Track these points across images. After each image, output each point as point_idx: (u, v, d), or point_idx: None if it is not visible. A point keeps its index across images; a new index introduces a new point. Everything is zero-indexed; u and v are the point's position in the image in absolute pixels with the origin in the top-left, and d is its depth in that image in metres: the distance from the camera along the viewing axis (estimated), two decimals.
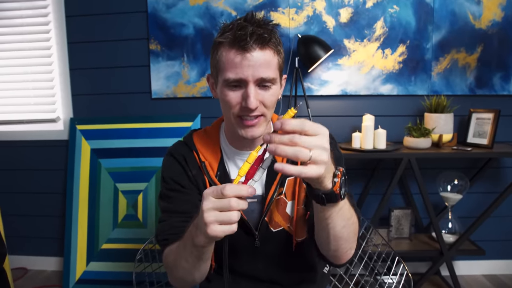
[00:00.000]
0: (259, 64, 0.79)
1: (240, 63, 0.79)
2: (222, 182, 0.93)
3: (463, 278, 2.16)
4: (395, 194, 2.20)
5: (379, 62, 2.06)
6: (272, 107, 0.86)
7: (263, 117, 0.85)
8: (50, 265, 2.39)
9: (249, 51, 0.78)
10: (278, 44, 0.84)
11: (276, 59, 0.83)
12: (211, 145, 0.96)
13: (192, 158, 0.96)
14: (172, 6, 2.09)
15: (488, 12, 2.00)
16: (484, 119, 1.95)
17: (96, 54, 2.19)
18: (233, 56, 0.79)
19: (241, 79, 0.80)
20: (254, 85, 0.81)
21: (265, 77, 0.80)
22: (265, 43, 0.79)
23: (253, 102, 0.80)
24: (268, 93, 0.83)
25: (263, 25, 0.81)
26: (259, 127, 0.85)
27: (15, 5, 2.18)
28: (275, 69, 0.82)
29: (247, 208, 0.86)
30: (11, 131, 2.30)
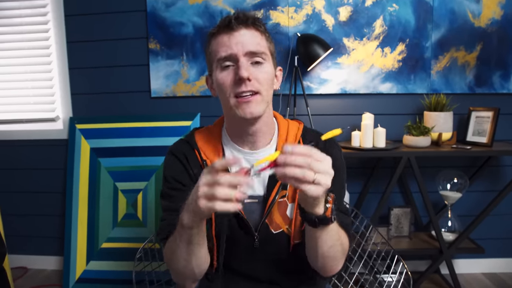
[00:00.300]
0: (245, 39, 0.82)
1: (228, 41, 0.83)
2: None
3: (463, 276, 2.16)
4: (394, 192, 2.20)
5: (379, 61, 2.06)
6: (267, 85, 0.86)
7: (259, 95, 0.85)
8: (50, 264, 2.40)
9: (235, 30, 0.82)
10: (266, 32, 0.87)
11: (264, 40, 0.86)
12: (212, 144, 0.96)
13: (193, 157, 0.95)
14: (171, 5, 2.08)
15: (487, 10, 2.00)
16: (484, 118, 1.95)
17: (95, 53, 2.19)
18: (221, 38, 0.84)
19: (231, 54, 0.82)
20: (245, 59, 0.83)
21: (254, 50, 0.83)
22: (250, 23, 0.84)
23: (244, 72, 0.81)
24: (261, 70, 0.84)
25: (250, 15, 0.85)
26: (257, 105, 0.84)
27: (14, 4, 2.18)
28: (264, 46, 0.85)
29: (247, 209, 0.92)
30: (11, 131, 2.30)
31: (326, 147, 0.94)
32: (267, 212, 0.92)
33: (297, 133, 0.97)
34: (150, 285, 1.29)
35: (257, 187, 0.95)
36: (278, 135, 0.97)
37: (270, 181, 0.93)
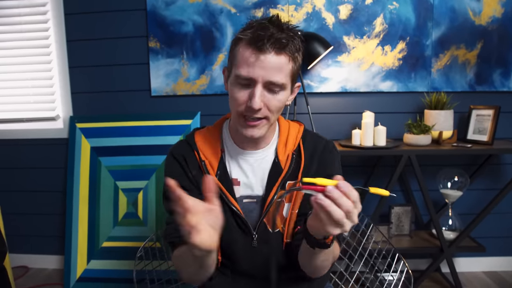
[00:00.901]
0: (270, 67, 0.80)
1: (253, 63, 0.80)
2: (223, 181, 0.93)
3: (464, 275, 2.16)
4: (395, 191, 2.20)
5: (379, 59, 2.06)
6: (277, 112, 0.87)
7: (265, 120, 0.86)
8: (51, 264, 2.40)
9: (263, 53, 0.79)
10: (296, 51, 0.84)
11: (290, 66, 0.83)
12: (212, 144, 0.97)
13: (192, 158, 0.96)
14: (171, 4, 2.08)
15: (488, 8, 2.00)
16: (484, 116, 1.94)
17: (96, 52, 2.19)
18: (248, 55, 0.81)
19: (251, 78, 0.81)
20: (262, 87, 0.82)
21: (275, 81, 0.81)
22: (281, 48, 0.80)
23: (257, 103, 0.81)
24: (275, 98, 0.84)
25: (285, 29, 0.81)
26: (260, 129, 0.87)
27: (14, 3, 2.18)
28: (286, 75, 0.83)
29: (246, 208, 0.94)
30: (11, 130, 2.30)
31: (327, 156, 0.96)
32: (265, 211, 0.92)
33: (298, 135, 0.98)
34: (151, 283, 1.30)
35: (256, 187, 0.95)
36: (278, 135, 0.98)
37: (269, 181, 0.94)
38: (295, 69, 0.85)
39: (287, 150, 0.95)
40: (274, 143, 0.97)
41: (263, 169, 0.95)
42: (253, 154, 0.95)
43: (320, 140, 0.99)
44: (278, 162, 0.94)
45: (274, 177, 0.94)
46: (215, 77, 2.12)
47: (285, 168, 0.93)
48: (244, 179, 0.95)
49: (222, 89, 2.13)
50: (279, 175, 0.93)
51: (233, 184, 0.95)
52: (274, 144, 0.97)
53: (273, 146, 0.97)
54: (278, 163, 0.94)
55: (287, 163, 0.94)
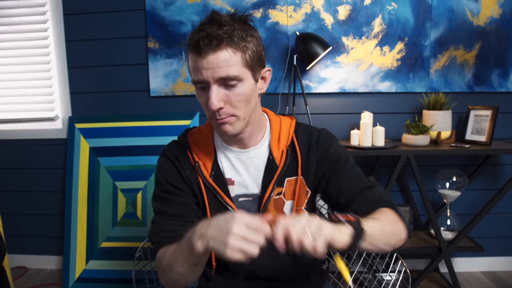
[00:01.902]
0: (215, 65, 0.78)
1: (199, 66, 0.79)
2: (217, 182, 0.93)
3: (462, 275, 2.17)
4: (393, 191, 2.20)
5: (378, 60, 2.06)
6: (244, 106, 0.83)
7: (233, 117, 0.83)
8: (49, 264, 2.40)
9: (202, 55, 0.77)
10: (242, 39, 0.79)
11: (238, 57, 0.79)
12: (205, 144, 0.96)
13: (186, 158, 0.95)
14: (170, 4, 2.08)
15: (486, 9, 2.00)
16: (482, 116, 1.95)
17: (94, 52, 2.19)
18: (193, 60, 0.80)
19: (203, 81, 0.80)
20: (217, 85, 0.80)
21: (225, 76, 0.78)
22: (218, 44, 0.77)
23: (213, 104, 0.79)
24: (233, 92, 0.81)
25: (223, 23, 0.78)
26: (232, 125, 0.84)
27: (13, 3, 2.18)
28: (238, 66, 0.79)
29: (241, 207, 0.94)
30: (10, 130, 2.30)
31: (324, 144, 0.95)
32: (263, 209, 0.92)
33: (290, 129, 0.96)
34: (149, 284, 1.30)
35: (251, 185, 0.95)
36: (270, 131, 0.96)
37: (265, 178, 0.93)
38: (249, 57, 0.81)
39: (281, 146, 0.94)
40: (266, 140, 0.95)
41: (257, 167, 0.94)
42: (244, 153, 0.94)
43: (314, 131, 0.97)
44: (273, 159, 0.93)
45: (270, 174, 0.93)
46: None
47: (280, 165, 0.92)
48: (238, 178, 0.95)
49: None
50: (275, 172, 0.92)
51: (227, 184, 0.94)
52: (266, 141, 0.95)
53: (266, 143, 0.95)
54: (273, 160, 0.93)
55: (282, 160, 0.93)
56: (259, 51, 0.84)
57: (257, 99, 0.88)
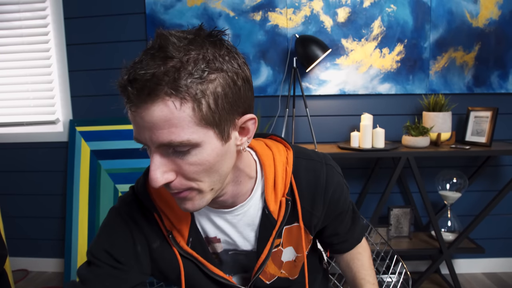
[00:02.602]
0: (152, 125, 0.52)
1: (133, 121, 0.55)
2: (197, 249, 0.73)
3: (463, 276, 2.17)
4: (394, 193, 2.21)
5: (377, 62, 2.07)
6: (205, 176, 0.57)
7: (193, 191, 0.59)
8: (51, 267, 2.40)
9: (132, 108, 0.53)
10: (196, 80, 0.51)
11: (187, 111, 0.51)
12: (175, 202, 0.66)
13: (153, 226, 0.72)
14: (170, 7, 2.09)
15: (485, 10, 2.01)
16: (482, 117, 1.95)
17: (95, 56, 2.20)
18: (128, 112, 0.55)
19: (142, 142, 0.56)
20: (160, 152, 0.55)
21: (166, 142, 0.52)
22: (150, 94, 0.50)
23: (155, 179, 0.54)
24: (185, 161, 0.55)
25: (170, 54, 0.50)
26: (194, 200, 0.60)
27: (14, 7, 2.19)
28: (189, 125, 0.52)
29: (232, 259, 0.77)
30: (11, 133, 2.31)
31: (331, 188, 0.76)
32: (261, 266, 0.75)
33: (287, 168, 0.73)
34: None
35: (242, 243, 0.76)
36: (263, 176, 0.73)
37: (261, 235, 0.74)
38: (208, 108, 0.53)
39: (278, 195, 0.72)
40: (257, 191, 0.73)
41: (248, 224, 0.74)
42: (230, 213, 0.72)
43: (319, 170, 0.75)
44: (269, 214, 0.72)
45: (266, 231, 0.73)
46: None
47: (279, 219, 0.73)
48: (224, 237, 0.75)
49: None
50: (273, 228, 0.73)
51: (211, 242, 0.75)
52: (257, 192, 0.73)
53: (257, 194, 0.73)
54: (270, 215, 0.72)
55: (281, 212, 0.72)
56: (232, 92, 0.55)
57: (232, 160, 0.62)
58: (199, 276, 0.75)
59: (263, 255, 0.74)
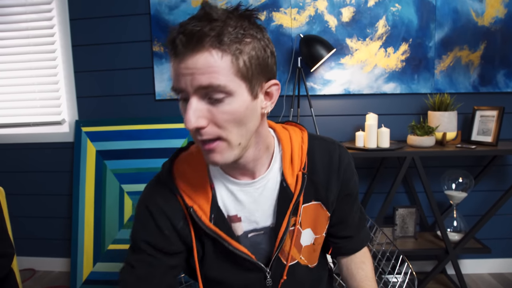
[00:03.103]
0: (195, 70, 0.60)
1: (178, 70, 0.62)
2: (219, 225, 0.76)
3: (469, 276, 2.15)
4: (399, 192, 2.20)
5: (382, 61, 2.06)
6: (235, 126, 0.64)
7: (222, 142, 0.65)
8: (57, 266, 2.42)
9: (179, 56, 0.61)
10: (235, 40, 0.61)
11: (226, 62, 0.60)
12: (198, 180, 0.76)
13: (175, 207, 0.77)
14: (175, 8, 2.10)
15: (491, 9, 1.99)
16: (488, 117, 1.94)
17: (100, 57, 2.21)
18: (172, 64, 0.64)
19: (180, 88, 0.63)
20: (198, 97, 0.62)
21: (207, 84, 0.60)
22: (198, 44, 0.59)
23: (189, 121, 0.61)
24: (219, 109, 0.62)
25: (214, 17, 0.60)
26: (221, 154, 0.66)
27: (20, 9, 2.21)
28: (226, 74, 0.61)
29: (252, 242, 0.80)
30: (18, 134, 2.33)
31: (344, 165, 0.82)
32: (280, 243, 0.78)
33: (303, 146, 0.80)
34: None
35: (261, 218, 0.80)
36: (281, 151, 0.79)
37: (279, 208, 0.78)
38: (244, 63, 0.62)
39: (295, 169, 0.78)
40: (276, 164, 0.79)
41: (268, 198, 0.79)
42: (251, 185, 0.77)
43: (332, 149, 0.82)
44: (287, 186, 0.77)
45: (284, 204, 0.77)
46: None
47: (296, 192, 0.77)
48: (245, 213, 0.79)
49: None
50: (290, 201, 0.77)
51: (232, 222, 0.79)
52: (276, 165, 0.79)
53: (276, 167, 0.79)
54: (287, 187, 0.77)
55: (297, 185, 0.77)
56: (262, 57, 0.65)
57: (257, 121, 0.69)
58: (218, 256, 0.79)
59: (282, 228, 0.77)
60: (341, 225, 0.89)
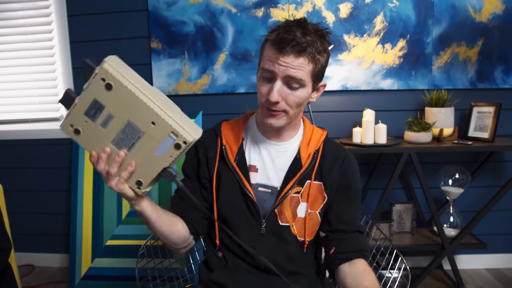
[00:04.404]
0: (290, 65, 0.85)
1: (275, 60, 0.86)
2: (240, 166, 0.99)
3: (466, 272, 2.17)
4: (397, 188, 2.21)
5: (379, 57, 2.06)
6: (296, 107, 0.91)
7: (284, 113, 0.91)
8: (56, 262, 2.43)
9: (284, 55, 0.84)
10: (318, 53, 0.87)
11: (310, 67, 0.87)
12: (235, 132, 1.03)
13: (213, 142, 1.03)
14: (173, 4, 2.10)
15: (488, 5, 1.99)
16: (485, 113, 1.94)
17: (98, 53, 2.21)
18: (271, 53, 0.87)
19: (273, 71, 0.86)
20: (282, 81, 0.87)
21: (293, 76, 0.85)
22: (301, 51, 0.84)
23: (274, 96, 0.87)
24: (293, 93, 0.89)
25: (310, 32, 0.85)
26: (278, 119, 0.92)
27: (18, 5, 2.21)
28: (306, 74, 0.87)
29: (260, 197, 0.99)
30: (16, 130, 2.33)
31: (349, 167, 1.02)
32: (279, 202, 0.97)
33: (320, 138, 1.03)
34: (152, 281, 1.32)
35: (273, 177, 0.99)
36: (303, 134, 1.04)
37: (288, 174, 0.98)
38: (317, 69, 0.89)
39: (309, 149, 1.00)
40: (297, 140, 1.02)
41: (283, 162, 1.00)
42: (275, 145, 1.00)
43: (342, 150, 1.04)
44: (299, 158, 0.99)
45: (293, 172, 0.98)
46: (217, 77, 2.14)
47: (305, 165, 0.98)
48: (262, 166, 1.00)
49: (224, 89, 2.15)
50: (298, 171, 0.97)
51: (250, 170, 0.99)
52: (297, 141, 1.02)
53: (296, 142, 1.02)
54: (299, 159, 0.99)
55: (307, 161, 0.98)
56: (325, 66, 0.92)
57: (305, 104, 0.96)
58: (234, 187, 0.99)
59: (285, 190, 0.97)
60: (337, 218, 1.02)
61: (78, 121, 0.67)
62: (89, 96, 0.64)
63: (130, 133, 0.67)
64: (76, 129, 0.68)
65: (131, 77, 0.64)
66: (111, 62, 0.63)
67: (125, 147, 0.70)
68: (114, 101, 0.63)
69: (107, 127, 0.67)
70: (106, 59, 0.63)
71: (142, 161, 0.70)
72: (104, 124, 0.67)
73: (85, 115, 0.66)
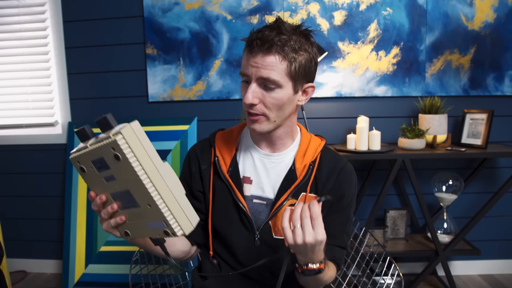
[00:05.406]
0: (261, 66, 0.83)
1: (247, 61, 0.85)
2: (233, 178, 0.97)
3: (460, 278, 2.17)
4: (391, 195, 2.21)
5: (373, 64, 2.08)
6: (276, 109, 0.88)
7: (263, 117, 0.88)
8: (49, 268, 2.41)
9: (253, 54, 0.84)
10: (295, 51, 0.83)
11: (283, 65, 0.83)
12: (229, 142, 1.02)
13: (207, 153, 1.02)
14: (168, 11, 2.11)
15: (480, 13, 2.02)
16: (478, 120, 1.96)
17: (94, 59, 2.22)
18: (244, 56, 0.87)
19: (246, 74, 0.86)
20: (257, 83, 0.85)
21: (265, 76, 0.83)
22: (268, 49, 0.82)
23: (248, 98, 0.85)
24: (270, 95, 0.86)
25: (283, 31, 0.83)
26: (261, 124, 0.89)
27: (13, 11, 2.21)
28: (279, 73, 0.83)
29: (254, 208, 0.98)
30: (10, 135, 2.32)
31: (345, 178, 0.98)
32: (272, 214, 0.95)
33: (318, 148, 0.99)
34: (146, 287, 1.31)
35: (268, 189, 0.97)
36: (299, 144, 1.00)
37: (282, 186, 0.95)
38: (294, 68, 0.85)
39: (305, 160, 0.97)
40: (293, 150, 0.99)
41: (277, 174, 0.97)
42: (269, 156, 0.98)
43: (340, 161, 1.00)
44: (294, 170, 0.96)
45: (288, 183, 0.95)
46: (212, 83, 2.15)
47: (300, 177, 0.95)
48: (256, 178, 0.98)
49: (219, 95, 2.16)
50: (293, 183, 0.95)
51: (244, 182, 0.98)
52: (293, 152, 0.99)
53: (291, 152, 0.99)
54: (294, 171, 0.96)
55: (303, 173, 0.95)
56: (308, 66, 0.87)
57: (293, 109, 0.92)
58: (227, 199, 0.98)
59: (279, 202, 0.94)
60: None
61: (85, 163, 0.69)
62: (99, 152, 0.65)
63: (128, 199, 0.68)
64: (82, 167, 0.69)
65: (141, 154, 0.64)
66: (127, 134, 0.62)
67: (121, 203, 0.71)
68: (119, 170, 0.64)
69: (109, 183, 0.68)
70: (123, 130, 0.62)
71: (133, 222, 0.72)
72: (106, 179, 0.68)
73: (92, 162, 0.67)
